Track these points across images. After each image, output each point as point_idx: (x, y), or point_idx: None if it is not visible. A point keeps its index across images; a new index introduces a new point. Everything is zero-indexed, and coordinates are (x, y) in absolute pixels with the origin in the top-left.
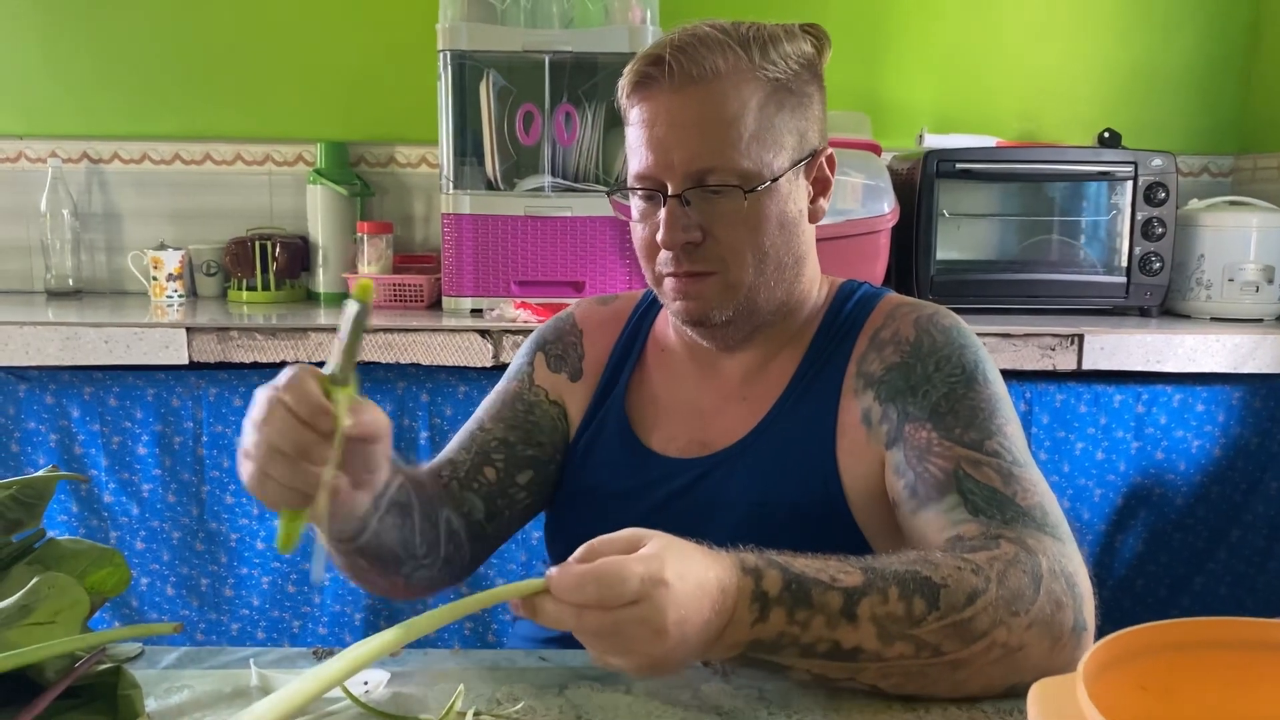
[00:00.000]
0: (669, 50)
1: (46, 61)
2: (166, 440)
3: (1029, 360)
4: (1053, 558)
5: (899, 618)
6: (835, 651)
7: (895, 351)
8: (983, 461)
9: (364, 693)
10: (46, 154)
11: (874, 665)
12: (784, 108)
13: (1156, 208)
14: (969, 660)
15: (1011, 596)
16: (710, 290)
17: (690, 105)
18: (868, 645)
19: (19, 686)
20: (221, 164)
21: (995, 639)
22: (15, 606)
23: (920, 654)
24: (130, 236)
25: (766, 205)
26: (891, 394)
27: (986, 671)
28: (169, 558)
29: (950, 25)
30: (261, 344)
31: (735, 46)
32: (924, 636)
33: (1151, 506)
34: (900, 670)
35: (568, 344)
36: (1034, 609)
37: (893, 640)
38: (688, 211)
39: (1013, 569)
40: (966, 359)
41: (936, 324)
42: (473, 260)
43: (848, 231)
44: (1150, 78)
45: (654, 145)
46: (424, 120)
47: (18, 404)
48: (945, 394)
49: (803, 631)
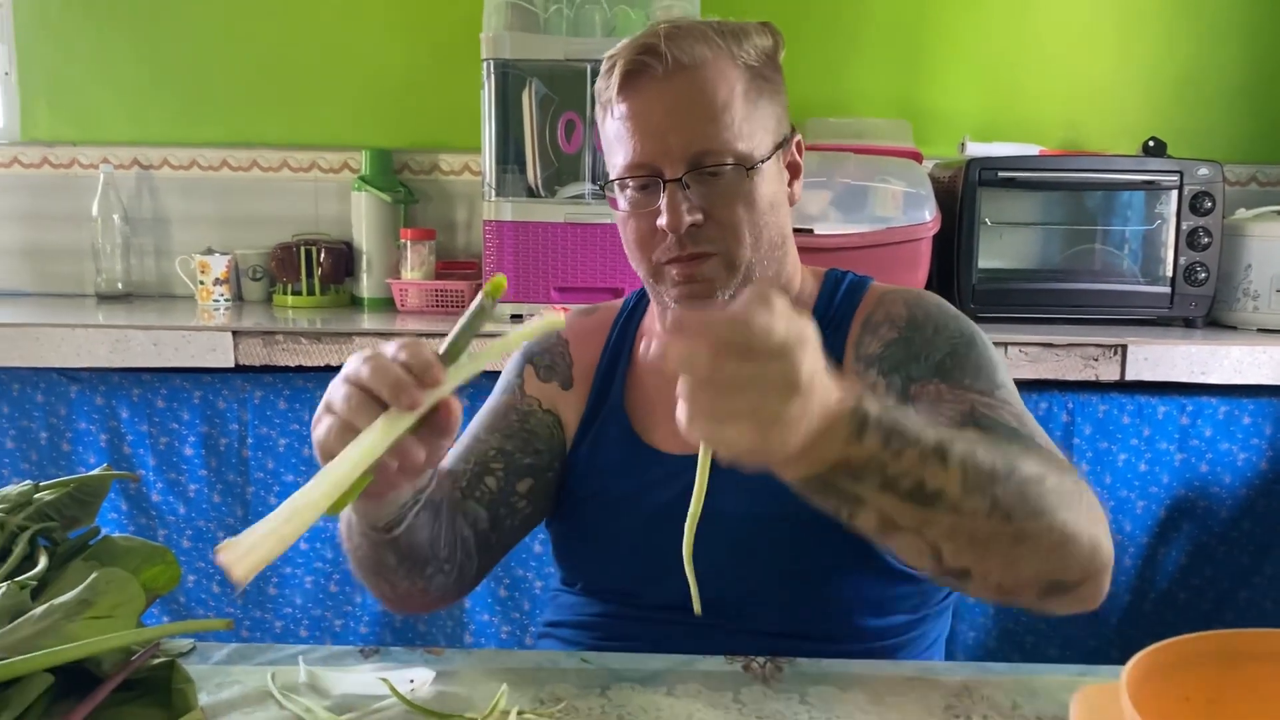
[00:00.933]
0: (658, 39)
1: (99, 71)
2: (212, 441)
3: (1071, 370)
4: (1084, 486)
5: (983, 471)
6: (918, 491)
7: (891, 329)
8: (995, 404)
9: (409, 690)
10: (99, 160)
11: (946, 519)
12: (763, 94)
13: (1202, 217)
14: (1032, 535)
15: (1067, 491)
16: (713, 270)
17: (684, 91)
18: (950, 490)
19: (77, 678)
20: (268, 170)
21: (1054, 521)
22: (75, 600)
23: (993, 514)
24: (178, 241)
25: (759, 185)
26: (894, 365)
27: (1040, 554)
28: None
29: (992, 33)
30: (306, 348)
31: (714, 36)
32: (1000, 496)
33: (1195, 519)
34: (967, 532)
35: (555, 354)
36: (1079, 509)
37: (972, 492)
38: (688, 195)
39: (1066, 473)
40: (963, 326)
41: (926, 300)
42: (514, 266)
43: (889, 239)
44: (1196, 86)
45: (648, 132)
46: (467, 128)
47: (69, 405)
48: (949, 353)
49: (893, 461)
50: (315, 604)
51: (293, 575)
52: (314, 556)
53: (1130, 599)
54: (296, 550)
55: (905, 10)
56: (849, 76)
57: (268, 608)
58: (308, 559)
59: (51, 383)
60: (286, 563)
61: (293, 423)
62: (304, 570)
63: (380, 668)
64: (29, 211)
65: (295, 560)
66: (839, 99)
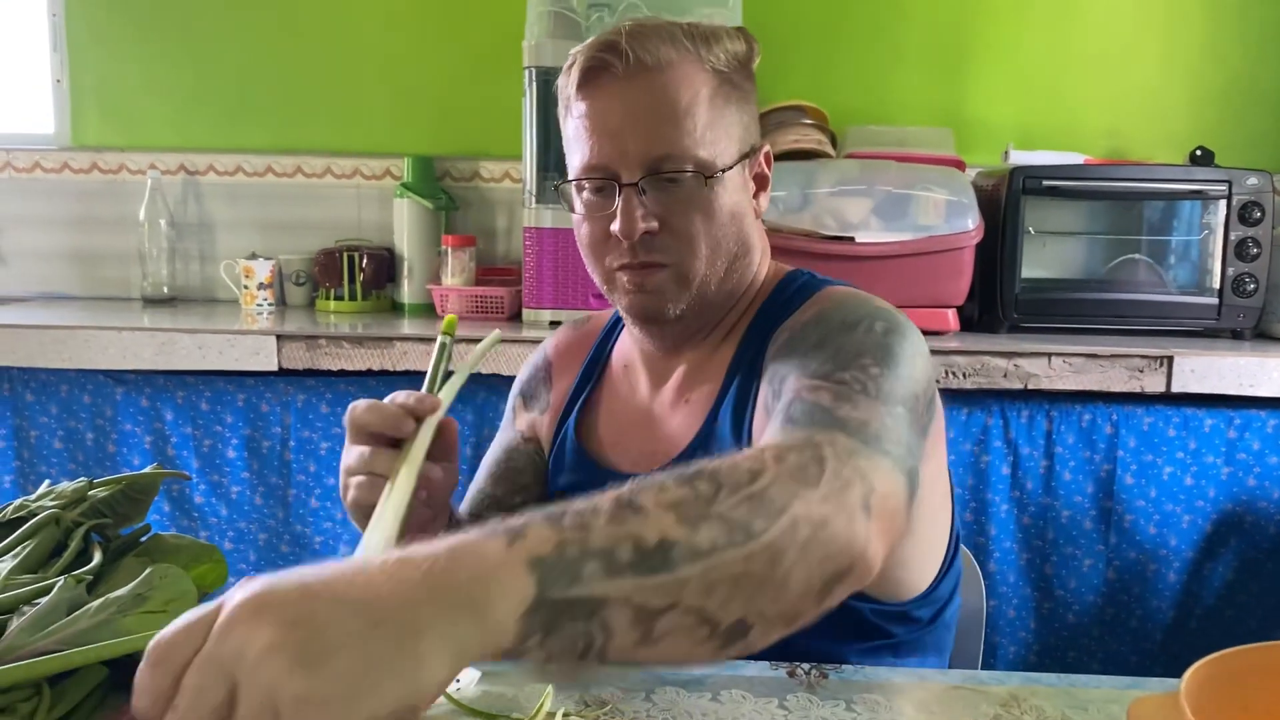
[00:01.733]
0: (620, 37)
1: (147, 79)
2: (255, 444)
3: (1116, 382)
4: (839, 447)
5: (688, 500)
6: (643, 551)
7: (788, 334)
8: (820, 386)
9: (456, 690)
10: (146, 166)
11: (695, 570)
12: (730, 101)
13: (1251, 227)
14: (782, 545)
15: (794, 471)
16: (664, 283)
17: (645, 93)
18: (675, 534)
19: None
20: (312, 177)
21: (796, 514)
22: (131, 595)
23: (734, 536)
24: (223, 246)
25: (720, 195)
26: (774, 371)
27: (804, 558)
28: (255, 558)
29: (1035, 41)
30: (348, 352)
31: (682, 38)
32: (726, 514)
33: (1243, 534)
34: (724, 574)
35: (538, 381)
36: (823, 483)
37: (696, 523)
38: (644, 200)
39: (790, 452)
40: (849, 316)
41: (837, 300)
42: (553, 273)
43: (930, 248)
44: (1245, 94)
45: (606, 134)
46: (508, 136)
47: (115, 406)
48: (815, 343)
49: (586, 534)
50: None
51: None
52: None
53: (1176, 615)
54: (336, 553)
55: (947, 18)
56: (891, 85)
57: None
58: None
59: (98, 384)
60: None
61: (334, 426)
62: None
63: None
64: (78, 216)
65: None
66: (881, 107)
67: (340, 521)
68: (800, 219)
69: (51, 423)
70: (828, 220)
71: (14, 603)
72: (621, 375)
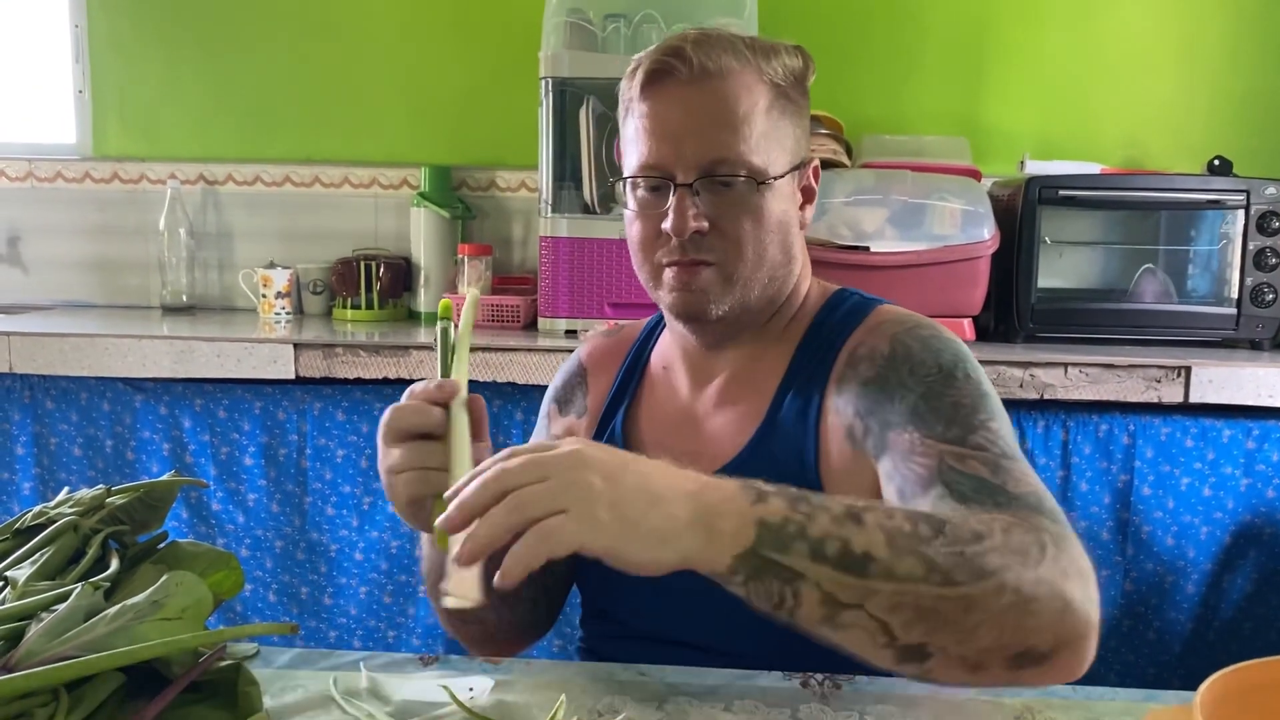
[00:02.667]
0: (689, 44)
1: (168, 90)
2: (272, 452)
3: (1133, 392)
4: (1053, 535)
5: (906, 533)
6: (846, 555)
7: (870, 366)
8: (967, 455)
9: (469, 698)
10: (166, 176)
11: (886, 587)
12: (786, 113)
13: (1270, 237)
14: (980, 601)
15: (1017, 548)
16: (709, 281)
17: (705, 97)
18: (878, 553)
19: (147, 678)
20: (330, 186)
21: (1005, 582)
22: (147, 602)
23: (931, 577)
24: (241, 255)
25: (770, 202)
26: (870, 408)
27: (999, 620)
28: (272, 565)
29: (1052, 50)
30: (365, 360)
31: (744, 49)
32: (933, 556)
33: (1262, 547)
34: (912, 601)
35: (573, 386)
36: (1042, 567)
37: (902, 554)
38: (696, 201)
39: (1016, 529)
40: (943, 359)
41: (912, 334)
42: (568, 282)
43: (946, 257)
44: (1263, 104)
45: (665, 135)
46: (525, 146)
47: (134, 414)
48: (922, 394)
49: (809, 522)
50: (370, 614)
51: (348, 585)
52: (369, 567)
53: (1194, 627)
54: (352, 561)
55: (964, 27)
56: (907, 94)
57: (323, 617)
58: (363, 569)
59: (117, 392)
60: (342, 573)
61: (351, 434)
62: (359, 581)
63: (440, 675)
64: (98, 225)
65: (350, 571)
66: (897, 116)
67: (356, 529)
68: (816, 228)
69: (71, 430)
70: (843, 230)
71: (32, 609)
72: (662, 377)
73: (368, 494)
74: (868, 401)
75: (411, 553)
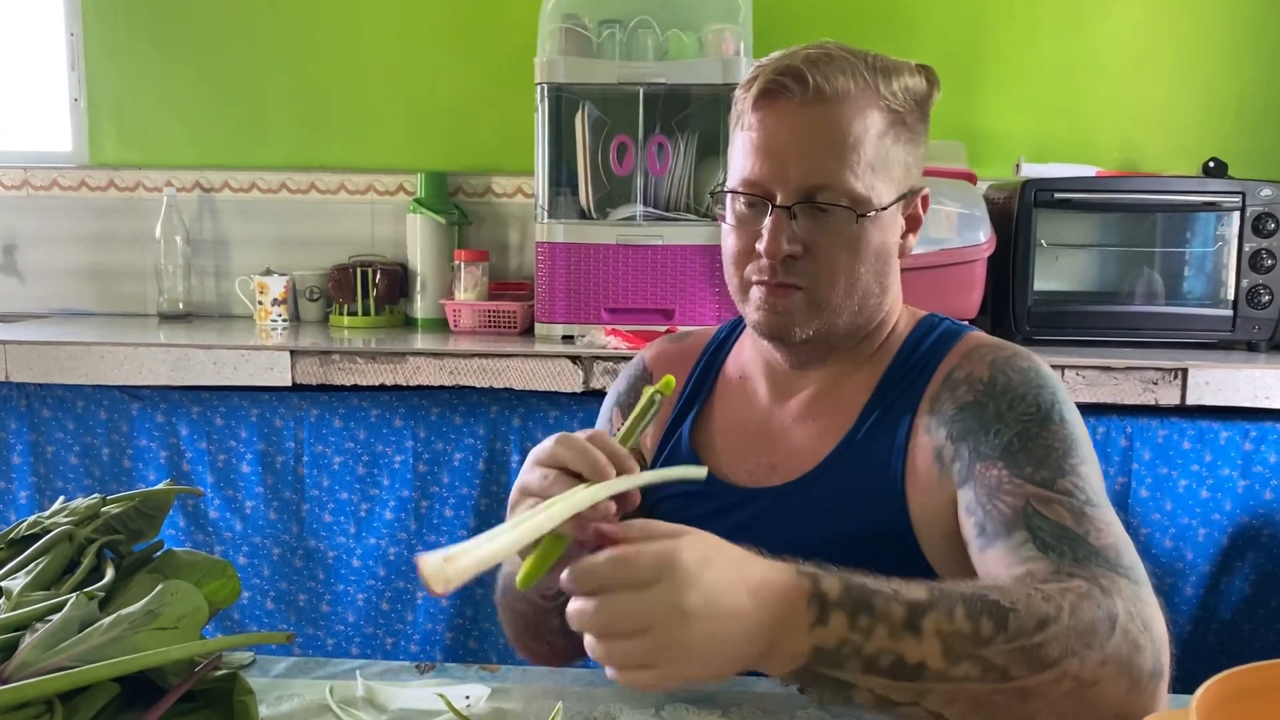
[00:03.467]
0: (804, 63)
1: (163, 97)
2: (269, 459)
3: (1130, 394)
4: (1128, 599)
5: (965, 635)
6: (899, 667)
7: (969, 391)
8: (1053, 499)
9: (465, 706)
10: (162, 183)
11: (940, 687)
12: (899, 140)
13: (1266, 239)
14: (1038, 690)
15: (1085, 629)
16: (796, 306)
17: (816, 121)
18: (933, 663)
19: (142, 688)
20: (326, 193)
21: (1067, 670)
22: (142, 611)
23: (987, 677)
24: (238, 262)
25: (870, 233)
26: (964, 433)
27: (1058, 706)
28: (269, 573)
29: (1047, 53)
30: (362, 367)
31: (863, 71)
32: (991, 658)
33: (1260, 548)
34: (968, 696)
35: (638, 390)
36: (1109, 646)
37: (959, 659)
38: (792, 225)
39: (1086, 603)
40: (1042, 398)
41: (1013, 364)
42: (565, 288)
43: (943, 261)
44: (1258, 105)
45: (770, 154)
46: (521, 151)
47: (130, 422)
48: (1018, 433)
49: (865, 640)
50: (368, 621)
51: (345, 593)
52: (367, 574)
53: (1193, 630)
54: (350, 568)
55: (959, 31)
56: None
57: (320, 625)
58: (360, 576)
59: (114, 400)
60: (340, 580)
61: (347, 441)
62: (357, 588)
63: (436, 683)
64: (95, 233)
65: (348, 578)
66: None
67: (354, 536)
68: None
69: (68, 438)
70: None
71: (27, 619)
72: (737, 387)
73: (365, 500)
74: (961, 427)
75: (409, 559)
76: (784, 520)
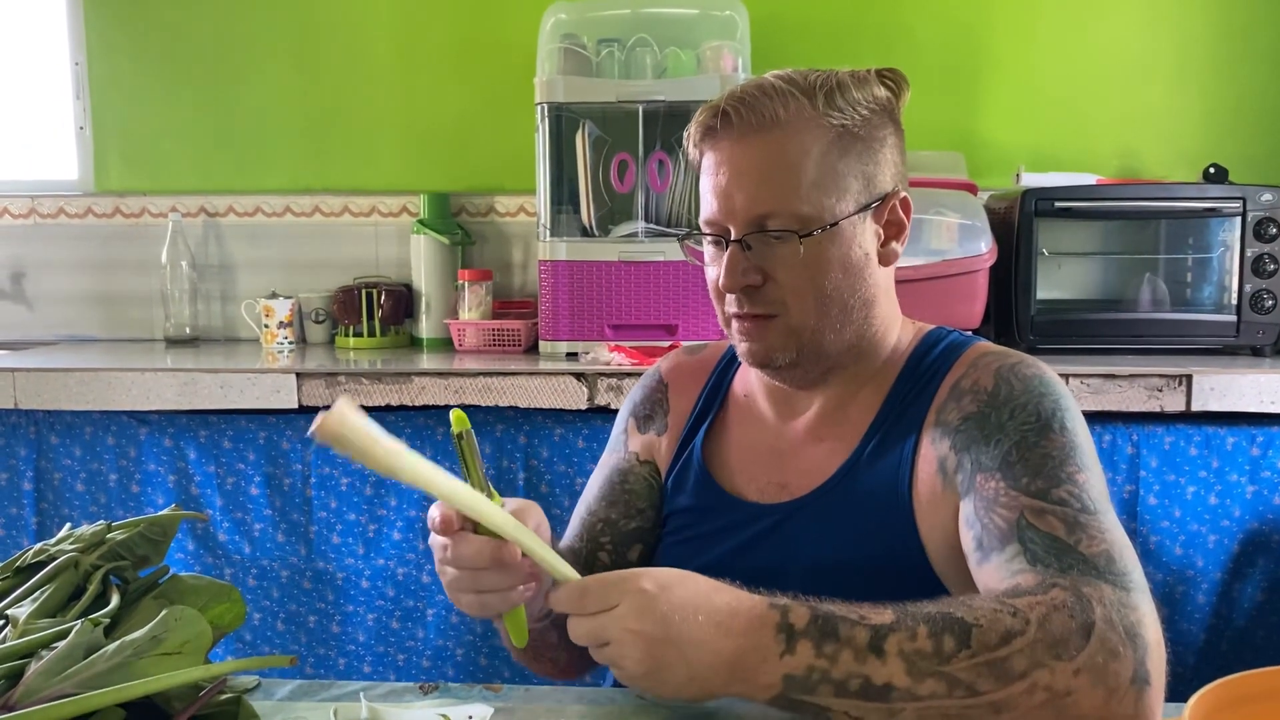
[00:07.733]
0: (728, 102)
1: (168, 124)
2: (277, 481)
3: (1135, 401)
4: (1110, 605)
5: (927, 654)
6: (867, 689)
7: (973, 401)
8: (1047, 510)
9: None
10: (168, 209)
11: (910, 706)
12: (849, 153)
13: (1267, 244)
14: (1010, 703)
15: (1055, 640)
16: (772, 333)
17: (751, 153)
18: (899, 682)
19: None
20: (330, 216)
21: (1037, 681)
22: (147, 637)
23: (954, 692)
24: (243, 286)
25: (827, 249)
26: (966, 444)
27: (1032, 717)
28: (279, 595)
29: (1046, 63)
30: (368, 388)
31: (799, 95)
32: (955, 674)
33: (1270, 553)
34: (939, 712)
35: (654, 402)
36: (1081, 656)
37: (923, 677)
38: (748, 255)
39: (1057, 614)
40: (1044, 407)
41: (1017, 373)
42: (568, 305)
43: (944, 272)
44: (1257, 111)
45: (718, 192)
46: (522, 171)
47: (138, 446)
48: (1016, 442)
49: (832, 666)
50: (378, 640)
51: (355, 613)
52: (376, 594)
53: (1205, 637)
54: (359, 589)
55: (957, 42)
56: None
57: (331, 645)
58: (370, 597)
59: (121, 425)
60: (349, 601)
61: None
62: (366, 608)
63: (440, 704)
64: (101, 259)
65: (357, 598)
66: None
67: (362, 557)
68: None
69: (75, 465)
70: None
71: (33, 646)
72: (744, 404)
73: (373, 521)
74: (965, 437)
75: (418, 578)
76: (794, 536)
